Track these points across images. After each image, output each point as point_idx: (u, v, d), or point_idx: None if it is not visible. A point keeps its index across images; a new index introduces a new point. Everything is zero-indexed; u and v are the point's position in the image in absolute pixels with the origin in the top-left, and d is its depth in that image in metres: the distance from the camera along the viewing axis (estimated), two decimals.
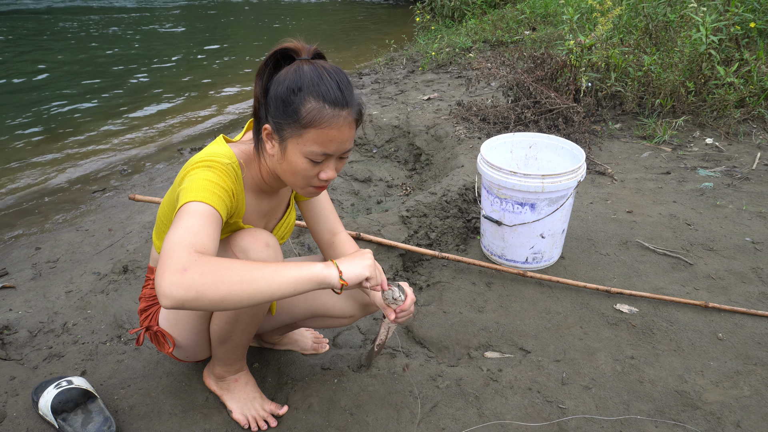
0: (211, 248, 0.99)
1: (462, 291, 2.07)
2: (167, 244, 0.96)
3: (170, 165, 3.78)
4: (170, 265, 0.91)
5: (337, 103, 1.10)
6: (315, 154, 1.12)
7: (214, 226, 1.04)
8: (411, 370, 1.64)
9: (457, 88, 4.80)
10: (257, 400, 1.48)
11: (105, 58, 7.06)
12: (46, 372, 1.64)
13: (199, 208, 1.04)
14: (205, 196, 1.07)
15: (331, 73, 1.12)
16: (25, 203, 3.22)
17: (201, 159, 1.15)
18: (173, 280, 0.89)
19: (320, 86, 1.09)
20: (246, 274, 0.95)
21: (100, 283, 2.15)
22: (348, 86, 1.13)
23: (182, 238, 0.96)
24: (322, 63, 1.13)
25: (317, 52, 1.18)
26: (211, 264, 0.93)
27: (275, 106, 1.12)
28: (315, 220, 1.49)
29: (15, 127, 4.49)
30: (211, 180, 1.10)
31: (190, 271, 0.91)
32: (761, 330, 1.82)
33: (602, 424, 1.46)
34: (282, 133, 1.13)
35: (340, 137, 1.12)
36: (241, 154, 1.24)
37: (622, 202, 2.70)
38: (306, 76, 1.10)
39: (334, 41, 8.66)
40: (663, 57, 3.61)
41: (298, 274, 1.01)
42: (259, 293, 0.95)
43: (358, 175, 3.36)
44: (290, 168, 1.16)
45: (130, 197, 2.41)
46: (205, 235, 1.00)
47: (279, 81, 1.13)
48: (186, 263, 0.91)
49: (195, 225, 1.00)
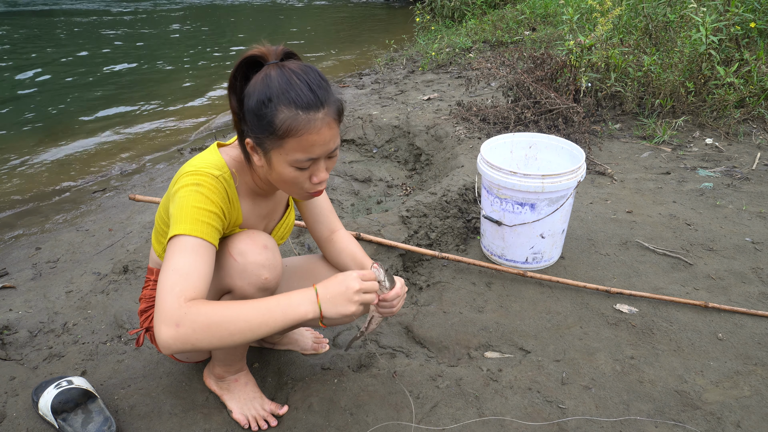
0: (202, 288, 1.06)
1: (462, 291, 2.07)
2: (160, 287, 1.03)
3: (170, 165, 3.78)
4: (164, 318, 0.99)
5: (310, 106, 1.06)
6: (300, 161, 1.10)
7: (204, 259, 1.08)
8: (411, 370, 1.64)
9: (457, 88, 4.80)
10: (257, 400, 1.48)
11: (106, 58, 7.06)
12: (46, 372, 1.64)
13: (189, 243, 1.08)
14: (195, 228, 1.09)
15: (300, 75, 1.07)
16: (25, 203, 3.22)
17: (191, 171, 1.14)
18: (169, 334, 0.98)
19: (290, 92, 1.05)
20: (234, 326, 1.02)
21: (100, 283, 2.15)
22: (320, 85, 1.08)
23: (173, 284, 1.02)
24: (290, 65, 1.08)
25: (286, 52, 1.13)
26: (201, 318, 1.00)
27: (251, 121, 1.09)
28: (314, 220, 1.49)
29: (15, 127, 4.49)
30: (200, 206, 1.10)
31: (182, 326, 0.99)
32: (761, 330, 1.82)
33: (602, 425, 1.46)
34: (263, 146, 1.11)
35: (322, 140, 1.09)
36: (233, 162, 1.23)
37: (622, 202, 2.70)
38: (274, 84, 1.06)
39: (335, 42, 8.66)
40: (663, 57, 3.61)
41: (282, 320, 1.06)
42: (247, 339, 1.05)
43: (358, 175, 3.36)
44: (280, 178, 1.15)
45: (131, 197, 2.41)
46: (196, 275, 1.05)
47: (249, 93, 1.09)
48: (177, 318, 0.99)
49: (186, 265, 1.05)
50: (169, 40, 8.54)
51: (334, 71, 6.60)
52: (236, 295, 1.25)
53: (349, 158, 3.63)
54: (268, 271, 1.24)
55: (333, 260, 1.51)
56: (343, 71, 6.57)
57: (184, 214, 1.10)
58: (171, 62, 7.02)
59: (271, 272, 1.25)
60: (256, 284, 1.23)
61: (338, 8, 12.86)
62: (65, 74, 6.21)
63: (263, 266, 1.23)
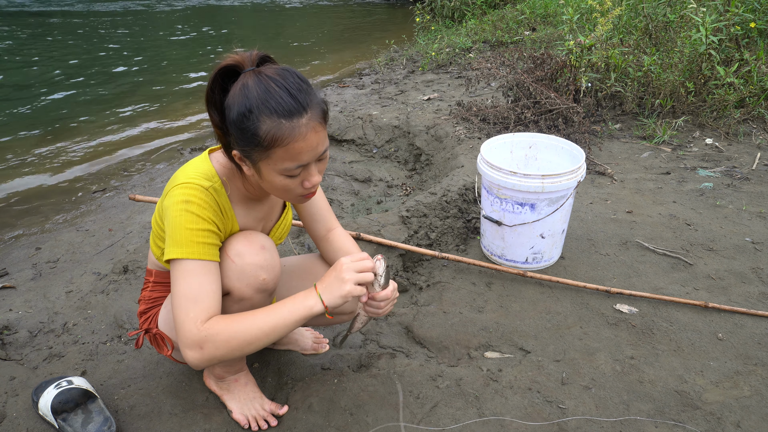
0: (214, 306, 1.12)
1: (462, 291, 2.07)
2: (175, 314, 1.10)
3: (170, 165, 3.78)
4: (188, 344, 1.08)
5: (292, 113, 1.03)
6: (290, 169, 1.09)
7: (209, 279, 1.13)
8: (411, 370, 1.64)
9: (457, 88, 4.80)
10: (257, 400, 1.48)
11: (106, 58, 7.06)
12: (46, 372, 1.64)
13: (189, 267, 1.11)
14: (193, 251, 1.11)
15: (278, 81, 1.04)
16: (25, 203, 3.22)
17: (181, 184, 1.13)
18: (196, 357, 1.08)
19: (269, 101, 1.02)
20: (250, 334, 1.10)
21: (100, 283, 2.15)
22: (301, 89, 1.05)
23: (187, 311, 1.09)
24: (267, 71, 1.05)
25: (262, 57, 1.10)
26: (221, 336, 1.08)
27: (235, 134, 1.07)
28: (311, 219, 1.49)
29: (15, 127, 4.49)
30: (192, 227, 1.11)
31: (206, 347, 1.07)
32: (761, 330, 1.82)
33: (602, 425, 1.46)
34: (251, 157, 1.09)
35: (309, 146, 1.07)
36: (224, 169, 1.21)
37: (622, 202, 2.70)
38: (252, 94, 1.03)
39: (335, 42, 8.66)
40: (663, 57, 3.61)
41: (291, 318, 1.12)
42: (264, 344, 1.13)
43: (358, 175, 3.36)
44: (271, 186, 1.14)
45: (131, 197, 2.41)
46: (205, 296, 1.11)
47: (229, 106, 1.06)
48: (199, 341, 1.07)
49: (193, 289, 1.10)
50: (170, 40, 8.54)
51: (334, 71, 6.60)
52: (235, 297, 1.24)
53: (349, 158, 3.63)
54: (266, 272, 1.24)
55: (330, 258, 1.51)
56: (343, 71, 6.57)
57: (179, 236, 1.11)
58: (171, 62, 7.02)
59: (269, 273, 1.24)
60: (254, 285, 1.23)
61: (338, 8, 12.86)
62: (65, 74, 6.21)
63: (261, 267, 1.23)
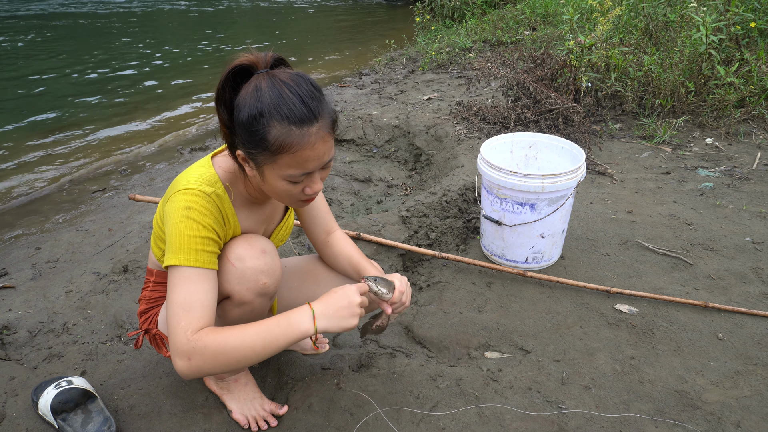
0: (207, 316, 1.09)
1: (462, 291, 2.07)
2: (169, 321, 1.08)
3: (170, 165, 3.78)
4: (177, 352, 1.06)
5: (304, 120, 1.03)
6: (294, 176, 1.08)
7: (205, 287, 1.11)
8: (411, 370, 1.64)
9: (457, 88, 4.80)
10: (257, 400, 1.47)
11: (106, 58, 7.05)
12: (45, 372, 1.64)
13: (186, 274, 1.10)
14: (191, 258, 1.10)
15: (292, 87, 1.03)
16: (25, 203, 3.22)
17: (183, 189, 1.12)
18: (184, 366, 1.06)
19: (282, 107, 1.01)
20: (240, 353, 1.07)
21: (100, 283, 2.15)
22: (313, 96, 1.05)
23: (179, 319, 1.07)
24: (281, 75, 1.05)
25: (276, 59, 1.09)
26: (209, 350, 1.05)
27: (242, 135, 1.06)
28: (310, 222, 1.49)
29: (15, 127, 4.49)
30: (192, 234, 1.10)
31: (193, 359, 1.05)
32: (761, 330, 1.82)
33: (602, 424, 1.46)
34: (256, 160, 1.08)
35: (316, 155, 1.07)
36: (226, 174, 1.21)
37: (622, 202, 2.70)
38: (265, 97, 1.02)
39: (335, 42, 8.66)
40: (663, 57, 3.61)
41: (284, 340, 1.10)
42: (253, 362, 1.10)
43: (358, 175, 3.36)
44: (273, 190, 1.14)
45: (131, 197, 2.41)
46: (198, 305, 1.09)
47: (239, 106, 1.05)
48: (187, 352, 1.05)
49: (187, 298, 1.08)
50: (170, 40, 8.54)
51: (334, 71, 6.60)
52: (235, 301, 1.24)
53: (349, 158, 3.63)
54: (266, 276, 1.23)
55: (330, 263, 1.51)
56: (343, 71, 6.57)
57: (178, 242, 1.10)
58: (172, 61, 7.02)
59: (269, 277, 1.24)
60: (254, 289, 1.22)
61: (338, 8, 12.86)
62: (65, 74, 6.21)
63: (262, 271, 1.22)
